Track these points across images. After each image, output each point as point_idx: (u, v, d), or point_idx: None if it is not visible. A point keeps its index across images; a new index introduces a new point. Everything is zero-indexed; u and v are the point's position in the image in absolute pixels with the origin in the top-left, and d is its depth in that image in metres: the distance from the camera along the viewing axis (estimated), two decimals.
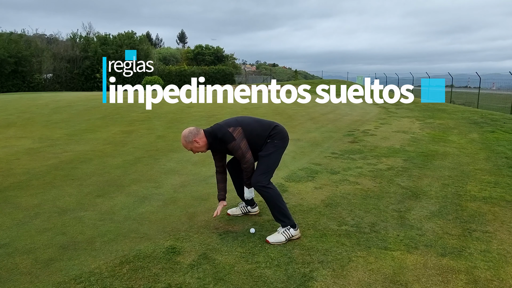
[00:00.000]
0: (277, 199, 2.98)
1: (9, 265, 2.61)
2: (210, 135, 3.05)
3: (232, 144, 2.98)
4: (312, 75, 71.92)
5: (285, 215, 2.99)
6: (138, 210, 3.66)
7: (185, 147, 3.05)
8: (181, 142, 3.05)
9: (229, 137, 2.98)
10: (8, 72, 29.40)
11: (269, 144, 3.09)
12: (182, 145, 3.06)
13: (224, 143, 3.00)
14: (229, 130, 2.99)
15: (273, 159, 3.08)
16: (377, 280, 2.44)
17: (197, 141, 3.00)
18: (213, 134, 3.05)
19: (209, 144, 3.07)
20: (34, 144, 7.05)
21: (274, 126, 3.15)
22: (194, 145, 3.01)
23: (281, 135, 3.15)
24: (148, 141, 7.34)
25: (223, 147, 3.07)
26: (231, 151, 3.06)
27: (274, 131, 3.12)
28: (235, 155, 3.08)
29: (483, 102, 20.16)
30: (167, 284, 2.38)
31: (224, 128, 3.03)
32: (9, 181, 4.62)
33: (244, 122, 3.10)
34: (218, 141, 3.04)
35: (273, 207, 3.00)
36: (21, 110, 12.05)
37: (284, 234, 2.94)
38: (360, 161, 5.63)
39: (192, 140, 2.99)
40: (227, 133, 2.99)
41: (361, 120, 10.38)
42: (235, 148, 3.00)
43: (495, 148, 6.55)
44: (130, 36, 36.38)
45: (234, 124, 3.05)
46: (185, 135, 3.02)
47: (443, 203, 3.86)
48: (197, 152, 3.09)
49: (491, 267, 2.59)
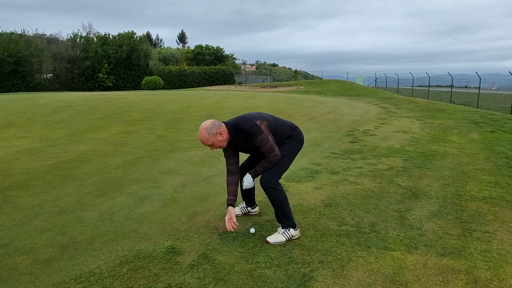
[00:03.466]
0: (283, 202, 2.94)
1: (9, 265, 2.61)
2: (232, 128, 2.81)
3: (261, 137, 2.77)
4: (312, 75, 71.96)
5: (288, 218, 2.96)
6: (138, 210, 3.66)
7: (205, 141, 2.75)
8: (201, 136, 2.74)
9: (257, 130, 2.77)
10: (8, 72, 29.38)
11: (287, 145, 2.97)
12: (200, 139, 2.77)
13: (251, 135, 2.78)
14: (256, 122, 2.79)
15: (287, 161, 2.99)
16: (377, 280, 2.44)
17: (221, 133, 2.75)
18: (236, 126, 2.81)
19: (232, 137, 2.83)
20: (34, 144, 7.05)
21: (294, 127, 3.05)
22: (218, 138, 2.75)
23: (299, 137, 3.05)
24: (148, 141, 7.34)
25: (247, 141, 2.84)
26: (258, 144, 2.82)
27: (294, 133, 3.02)
28: (263, 149, 2.83)
29: (483, 102, 20.17)
30: (167, 284, 2.38)
31: (251, 120, 2.81)
32: (9, 181, 4.62)
33: (268, 119, 2.92)
34: (242, 134, 2.81)
35: (278, 209, 2.96)
36: (21, 110, 12.04)
37: (284, 235, 2.94)
38: (360, 161, 5.64)
39: (216, 132, 2.73)
40: (255, 125, 2.77)
41: (361, 120, 10.38)
42: (263, 141, 2.78)
43: (495, 148, 6.55)
44: (130, 36, 36.38)
45: (260, 118, 2.85)
46: (207, 127, 2.73)
47: (443, 203, 3.86)
48: (216, 148, 2.82)
49: (491, 267, 2.59)
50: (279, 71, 76.80)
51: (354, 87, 25.83)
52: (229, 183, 2.99)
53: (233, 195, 2.93)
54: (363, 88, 26.08)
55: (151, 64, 37.39)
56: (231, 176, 3.00)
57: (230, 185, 2.97)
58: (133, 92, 22.84)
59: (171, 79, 37.60)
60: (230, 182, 2.99)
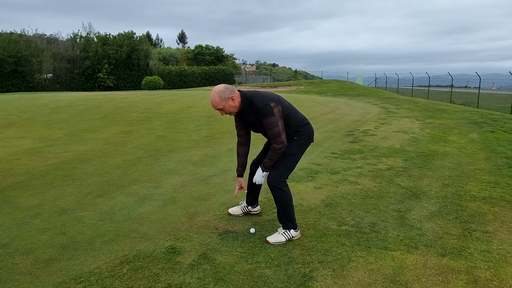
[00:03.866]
0: (287, 203, 2.92)
1: (9, 265, 2.61)
2: (246, 100, 2.74)
3: (270, 119, 2.69)
4: (312, 75, 71.96)
5: (290, 219, 2.95)
6: (138, 210, 3.66)
7: (216, 104, 2.68)
8: (212, 99, 2.68)
9: (269, 111, 2.68)
10: (8, 72, 29.38)
11: (295, 142, 2.88)
12: (211, 102, 2.70)
13: (261, 115, 2.70)
14: (270, 104, 2.71)
15: (295, 160, 2.94)
16: (377, 280, 2.44)
17: (233, 98, 2.69)
18: (250, 100, 2.73)
19: (242, 108, 2.76)
20: (34, 144, 7.05)
21: (306, 122, 2.96)
22: (229, 103, 2.69)
23: (308, 135, 2.97)
24: (148, 141, 7.34)
25: (255, 118, 2.77)
26: (266, 126, 2.73)
27: (304, 128, 2.92)
28: (269, 131, 2.74)
29: (483, 102, 20.17)
30: (167, 284, 2.38)
31: (266, 99, 2.73)
32: (9, 181, 4.62)
33: (285, 104, 2.82)
34: (253, 111, 2.74)
35: (281, 209, 2.94)
36: (21, 110, 12.04)
37: (284, 235, 2.93)
38: (360, 161, 5.64)
39: (228, 96, 2.67)
40: (268, 106, 2.69)
41: (361, 120, 10.38)
42: (271, 124, 2.69)
43: (495, 148, 6.55)
44: (130, 36, 36.38)
45: (276, 101, 2.76)
46: (220, 90, 2.67)
47: (443, 203, 3.86)
48: (226, 114, 2.76)
49: (491, 267, 2.59)
50: (279, 71, 76.82)
51: (354, 87, 25.83)
52: (239, 154, 3.07)
53: (242, 166, 3.08)
54: (363, 88, 26.08)
55: (151, 64, 37.39)
56: (241, 147, 3.06)
57: (240, 156, 3.07)
58: (133, 92, 22.85)
59: (171, 79, 37.60)
60: (240, 153, 3.07)
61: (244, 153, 3.04)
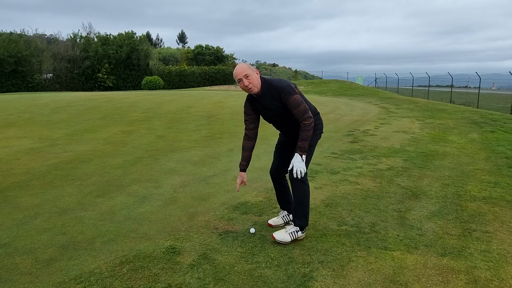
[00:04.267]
0: (307, 198, 2.91)
1: (9, 265, 2.61)
2: (266, 83, 2.74)
3: (294, 97, 2.68)
4: (312, 75, 71.95)
5: (306, 216, 2.92)
6: (138, 210, 3.66)
7: (242, 71, 2.68)
8: (239, 67, 2.70)
9: (292, 90, 2.70)
10: (8, 72, 29.39)
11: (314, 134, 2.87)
12: (237, 69, 2.70)
13: (285, 94, 2.68)
14: (291, 85, 2.73)
15: (312, 152, 2.94)
16: (377, 280, 2.44)
17: (257, 73, 2.74)
18: (270, 83, 2.74)
19: (262, 92, 2.75)
20: (34, 144, 7.05)
21: (317, 112, 2.99)
22: (254, 75, 2.70)
23: (321, 125, 3.00)
24: (148, 141, 7.34)
25: (276, 102, 2.74)
26: (291, 105, 2.70)
27: (317, 118, 2.92)
28: (296, 110, 2.70)
29: (483, 102, 20.15)
30: (167, 284, 2.38)
31: (286, 81, 2.77)
32: (9, 181, 4.62)
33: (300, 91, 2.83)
34: (275, 93, 2.72)
35: (301, 204, 2.89)
36: (21, 110, 12.04)
37: (291, 235, 2.90)
38: (360, 161, 5.63)
39: (254, 69, 2.72)
40: (290, 86, 2.71)
41: (361, 120, 10.38)
42: (297, 102, 2.68)
43: (495, 148, 6.55)
44: (130, 36, 36.38)
45: (294, 85, 2.79)
46: (247, 64, 2.75)
47: (443, 203, 3.86)
48: (246, 86, 2.70)
49: (491, 267, 2.59)
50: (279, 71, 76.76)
51: (354, 87, 25.83)
52: (245, 147, 2.99)
53: (246, 161, 3.00)
54: (363, 88, 26.08)
55: (151, 64, 37.39)
56: (247, 141, 2.99)
57: (245, 150, 2.99)
58: (133, 92, 22.84)
59: (171, 79, 37.59)
60: (246, 147, 2.99)
61: (250, 147, 3.00)
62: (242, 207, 3.70)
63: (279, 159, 3.14)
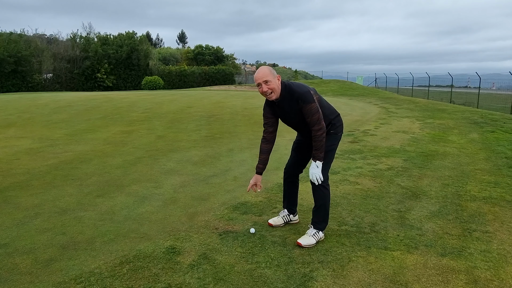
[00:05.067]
0: (328, 202, 2.92)
1: (9, 265, 2.61)
2: (286, 88, 2.74)
3: (311, 105, 2.68)
4: (312, 75, 71.95)
5: (326, 219, 2.95)
6: (138, 210, 3.66)
7: (264, 75, 2.68)
8: (261, 71, 2.71)
9: (310, 98, 2.69)
10: (8, 72, 29.37)
11: (332, 137, 2.90)
12: (259, 73, 2.71)
13: (303, 100, 2.69)
14: (310, 91, 2.73)
15: (333, 154, 2.95)
16: (377, 280, 2.44)
17: (279, 78, 2.74)
18: (290, 87, 2.74)
19: (281, 96, 2.75)
20: (34, 144, 7.05)
21: (338, 114, 2.99)
22: (275, 81, 2.70)
23: (341, 127, 3.00)
24: (148, 141, 7.34)
25: (294, 106, 2.75)
26: (307, 112, 2.71)
27: (337, 120, 2.94)
28: (311, 118, 2.71)
29: (483, 102, 20.15)
30: (167, 284, 2.38)
31: (305, 87, 2.75)
32: (9, 181, 4.62)
33: (319, 95, 2.85)
34: (293, 98, 2.73)
35: (322, 208, 2.91)
36: (21, 110, 12.04)
37: (314, 237, 2.91)
38: (360, 161, 5.63)
39: (276, 74, 2.73)
40: (309, 93, 2.71)
41: (361, 120, 10.38)
42: (313, 110, 2.68)
43: (495, 148, 6.55)
44: (130, 36, 36.36)
45: (313, 91, 2.80)
46: (269, 67, 2.75)
47: (443, 203, 3.86)
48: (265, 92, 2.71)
49: (491, 267, 2.59)
50: (279, 71, 76.78)
51: (354, 87, 25.84)
52: (262, 150, 2.98)
53: (263, 164, 2.97)
54: (363, 88, 26.08)
55: (151, 64, 37.37)
56: (266, 144, 2.97)
57: (263, 153, 2.98)
58: (133, 92, 22.84)
59: (171, 79, 37.57)
60: (264, 150, 2.97)
61: (267, 150, 2.98)
62: (242, 207, 3.70)
63: (296, 158, 3.17)
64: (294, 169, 3.19)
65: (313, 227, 2.96)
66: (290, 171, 3.20)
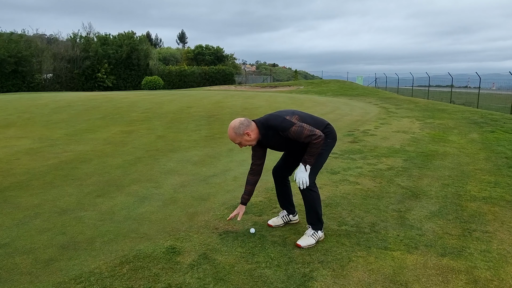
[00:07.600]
0: (317, 203, 2.91)
1: (9, 265, 2.61)
2: (263, 126, 2.80)
3: (294, 128, 2.71)
4: (312, 75, 71.97)
5: (319, 219, 2.95)
6: (138, 210, 3.66)
7: (233, 139, 2.80)
8: (229, 134, 2.79)
9: (288, 123, 2.73)
10: (8, 72, 29.39)
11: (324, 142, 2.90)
12: (229, 137, 2.81)
13: (283, 130, 2.74)
14: (286, 117, 2.77)
15: (323, 159, 2.97)
16: (377, 280, 2.44)
17: (249, 133, 2.77)
18: (266, 123, 2.80)
19: (262, 135, 2.82)
20: (34, 144, 7.05)
21: (326, 124, 3.00)
22: (245, 138, 2.77)
23: (332, 134, 3.01)
24: (148, 141, 7.34)
25: (279, 137, 2.80)
26: (294, 136, 2.74)
27: (327, 129, 2.97)
28: (301, 138, 2.73)
29: (483, 102, 20.16)
30: (167, 284, 2.38)
31: (280, 116, 2.80)
32: (9, 181, 4.62)
33: (300, 113, 2.89)
34: (273, 131, 2.79)
35: (311, 209, 2.92)
36: (21, 110, 12.04)
37: (313, 237, 2.91)
38: (360, 161, 5.63)
39: (243, 132, 2.75)
40: (285, 120, 2.75)
41: (361, 120, 10.38)
42: (298, 131, 2.71)
43: (495, 148, 6.55)
44: (130, 36, 36.38)
45: (290, 114, 2.83)
46: (235, 126, 2.76)
47: (443, 203, 3.86)
48: (244, 146, 2.85)
49: (491, 267, 2.59)
50: (279, 71, 76.76)
51: (354, 87, 25.84)
52: (248, 181, 3.02)
53: (248, 195, 3.03)
54: (363, 88, 26.09)
55: (151, 64, 37.38)
56: (252, 176, 3.01)
57: (249, 184, 3.02)
58: (133, 92, 22.84)
59: (171, 79, 37.59)
60: (250, 181, 3.02)
61: (254, 182, 3.03)
62: None
63: (286, 160, 3.18)
64: (282, 171, 3.19)
65: (311, 227, 2.97)
66: (279, 172, 3.19)
